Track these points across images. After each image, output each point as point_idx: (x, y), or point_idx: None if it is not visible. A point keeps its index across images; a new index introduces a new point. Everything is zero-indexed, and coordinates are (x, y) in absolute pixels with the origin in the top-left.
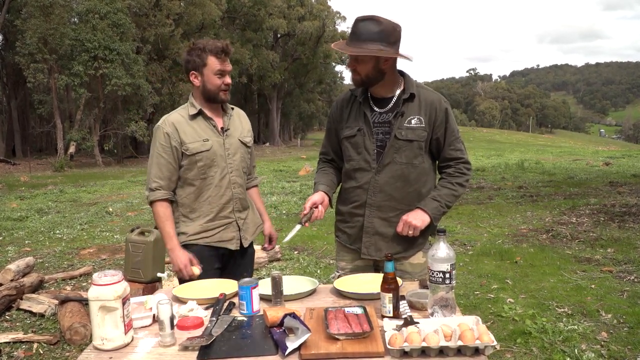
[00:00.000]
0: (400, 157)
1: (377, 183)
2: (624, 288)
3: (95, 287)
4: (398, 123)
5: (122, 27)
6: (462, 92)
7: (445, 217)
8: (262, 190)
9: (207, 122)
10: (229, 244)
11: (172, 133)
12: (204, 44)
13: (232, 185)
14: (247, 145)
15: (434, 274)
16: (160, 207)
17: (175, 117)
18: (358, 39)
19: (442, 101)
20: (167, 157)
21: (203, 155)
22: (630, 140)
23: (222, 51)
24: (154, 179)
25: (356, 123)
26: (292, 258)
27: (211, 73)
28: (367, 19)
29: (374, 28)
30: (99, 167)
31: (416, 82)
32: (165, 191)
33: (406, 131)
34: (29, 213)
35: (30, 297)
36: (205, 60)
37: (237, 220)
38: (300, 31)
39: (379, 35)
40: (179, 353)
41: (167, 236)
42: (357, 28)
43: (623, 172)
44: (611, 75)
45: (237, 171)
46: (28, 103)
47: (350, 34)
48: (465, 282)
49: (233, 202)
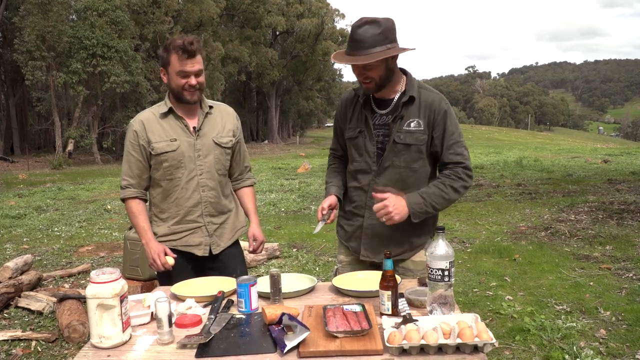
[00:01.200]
0: (399, 160)
1: (376, 186)
2: (623, 285)
3: (93, 285)
4: (397, 126)
5: (121, 25)
6: (460, 90)
7: (443, 214)
8: (261, 187)
9: (177, 121)
10: (195, 249)
11: (140, 131)
12: (171, 40)
13: (200, 188)
14: (222, 145)
15: (432, 271)
16: (132, 203)
17: (146, 115)
18: (363, 46)
19: (442, 102)
20: (136, 155)
21: (169, 156)
22: (628, 137)
23: (183, 50)
24: (124, 176)
25: (358, 124)
26: (291, 255)
27: (173, 72)
28: (365, 24)
29: (376, 30)
30: (98, 164)
31: (418, 82)
32: (134, 189)
33: (405, 135)
34: (27, 211)
35: (29, 295)
36: (169, 58)
37: (206, 225)
38: (299, 28)
39: (383, 37)
40: (177, 351)
41: (141, 230)
42: (358, 35)
43: (621, 170)
44: (610, 73)
45: (208, 173)
46: (26, 101)
47: (351, 42)
48: (464, 280)
49: (202, 205)
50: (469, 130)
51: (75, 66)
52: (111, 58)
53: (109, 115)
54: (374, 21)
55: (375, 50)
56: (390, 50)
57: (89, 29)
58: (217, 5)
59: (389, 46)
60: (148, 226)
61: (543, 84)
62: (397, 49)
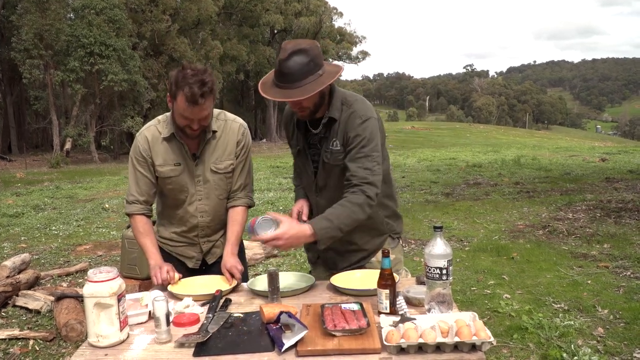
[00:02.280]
0: (332, 180)
1: (319, 205)
2: (620, 284)
3: (90, 284)
4: (324, 146)
5: (118, 23)
6: (459, 89)
7: (442, 213)
8: (259, 186)
9: (179, 145)
10: (188, 261)
11: (146, 150)
12: (184, 75)
13: (199, 214)
14: (220, 172)
15: (430, 270)
16: (138, 221)
17: (152, 133)
18: (295, 78)
19: (358, 116)
20: (142, 171)
21: (172, 180)
22: (626, 136)
23: (191, 100)
24: (132, 192)
25: (298, 142)
26: (289, 254)
27: (178, 111)
28: (292, 54)
29: (304, 59)
30: (95, 163)
31: (342, 98)
32: (142, 206)
33: (330, 155)
34: (24, 209)
35: (26, 294)
36: (176, 95)
37: (201, 244)
38: (297, 27)
39: (313, 64)
40: (174, 350)
41: (148, 252)
42: (288, 68)
43: (619, 168)
44: (608, 72)
45: (207, 199)
46: (24, 99)
47: (281, 76)
48: (462, 278)
49: (199, 229)
50: (466, 129)
51: (72, 64)
52: (109, 56)
53: (107, 114)
54: (300, 50)
55: (308, 80)
56: (322, 79)
57: (87, 27)
58: (215, 3)
59: (320, 72)
60: (155, 248)
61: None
62: (328, 75)
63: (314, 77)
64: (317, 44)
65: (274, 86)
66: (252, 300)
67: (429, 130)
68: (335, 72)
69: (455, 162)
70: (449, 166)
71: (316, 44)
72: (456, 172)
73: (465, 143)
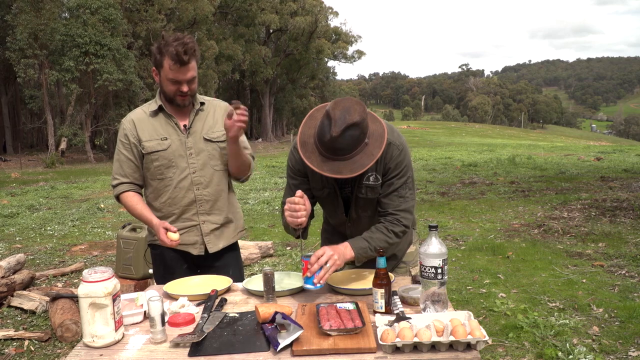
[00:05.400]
0: (367, 212)
1: (352, 235)
2: (615, 282)
3: (85, 284)
4: (357, 182)
5: (113, 23)
6: (454, 88)
7: (437, 212)
8: (255, 186)
9: (168, 120)
10: (191, 248)
11: (131, 130)
12: (166, 41)
13: (194, 186)
14: (213, 141)
15: (425, 269)
16: (126, 197)
17: (137, 113)
18: (344, 152)
19: (395, 146)
20: (126, 154)
21: (159, 155)
22: (621, 135)
23: (177, 59)
24: (115, 175)
25: (326, 184)
26: (285, 254)
27: (165, 78)
28: (346, 129)
29: (356, 133)
30: (91, 163)
31: None
32: (128, 185)
33: (366, 189)
34: (19, 209)
35: (21, 294)
36: (161, 62)
37: (200, 224)
38: (293, 26)
39: (363, 135)
40: (170, 350)
41: (147, 217)
42: (341, 144)
43: (614, 167)
44: (603, 71)
45: (202, 171)
46: (18, 99)
47: (329, 149)
48: (457, 277)
49: (197, 204)
50: (462, 128)
51: (67, 64)
52: (104, 56)
53: (102, 114)
54: (354, 125)
55: (357, 151)
56: (371, 149)
57: (82, 26)
58: (211, 3)
59: (367, 141)
60: (151, 214)
61: (536, 82)
62: (374, 142)
63: (362, 147)
64: (364, 107)
65: (319, 154)
66: (247, 300)
67: (425, 130)
68: (381, 136)
69: (451, 162)
70: (444, 165)
71: (364, 108)
72: (452, 172)
73: (461, 142)
